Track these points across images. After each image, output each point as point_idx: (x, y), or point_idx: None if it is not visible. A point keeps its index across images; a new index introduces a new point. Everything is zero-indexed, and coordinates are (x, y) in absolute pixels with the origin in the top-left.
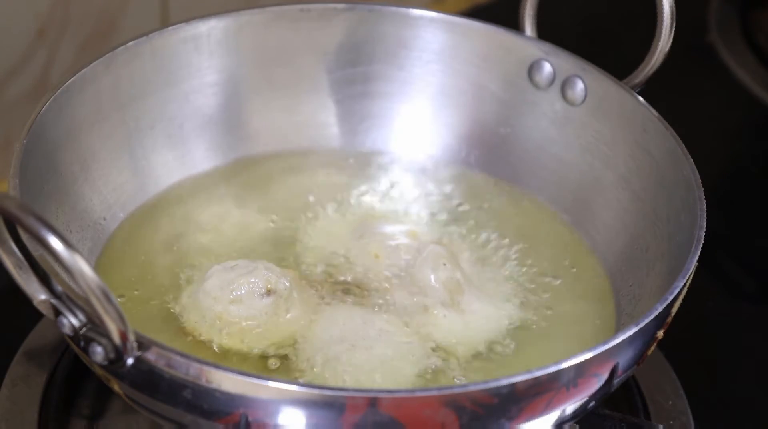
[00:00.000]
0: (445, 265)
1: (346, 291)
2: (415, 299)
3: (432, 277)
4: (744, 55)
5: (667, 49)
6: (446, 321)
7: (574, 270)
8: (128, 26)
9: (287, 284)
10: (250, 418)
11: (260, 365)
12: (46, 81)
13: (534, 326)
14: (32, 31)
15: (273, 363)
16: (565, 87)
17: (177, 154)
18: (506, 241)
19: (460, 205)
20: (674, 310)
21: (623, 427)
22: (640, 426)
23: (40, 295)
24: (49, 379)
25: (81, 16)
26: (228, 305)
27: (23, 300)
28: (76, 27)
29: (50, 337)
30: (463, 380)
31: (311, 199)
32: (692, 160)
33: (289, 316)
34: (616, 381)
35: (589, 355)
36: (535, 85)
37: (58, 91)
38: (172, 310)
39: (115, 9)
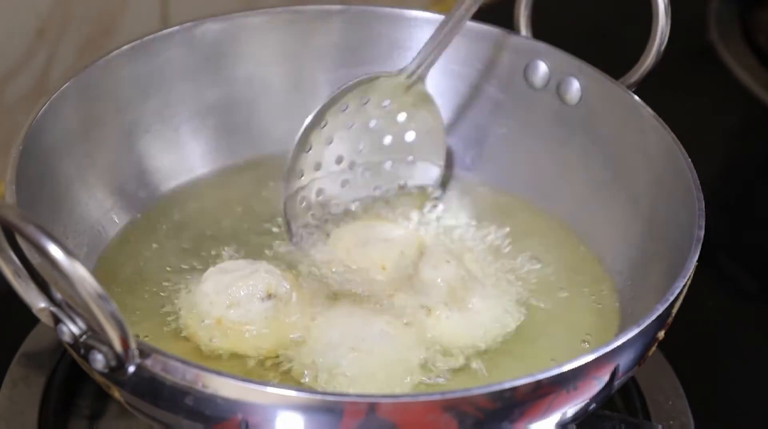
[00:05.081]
0: (449, 262)
1: (347, 293)
2: (416, 300)
3: (436, 275)
4: (744, 55)
5: (662, 48)
6: (448, 322)
7: (574, 270)
8: (128, 26)
9: (287, 287)
10: (250, 424)
11: (260, 370)
12: (46, 81)
13: (534, 327)
14: (32, 31)
15: (273, 368)
16: (560, 87)
17: (175, 157)
18: (505, 241)
19: (458, 206)
20: (675, 310)
21: (622, 428)
22: (640, 426)
23: (39, 303)
24: (49, 380)
25: (81, 16)
26: (226, 309)
27: (23, 301)
28: (76, 27)
29: (50, 337)
30: (464, 382)
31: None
32: (690, 160)
33: (288, 319)
34: (616, 383)
35: (590, 357)
36: (531, 86)
37: (54, 95)
38: (170, 315)
39: (115, 9)
